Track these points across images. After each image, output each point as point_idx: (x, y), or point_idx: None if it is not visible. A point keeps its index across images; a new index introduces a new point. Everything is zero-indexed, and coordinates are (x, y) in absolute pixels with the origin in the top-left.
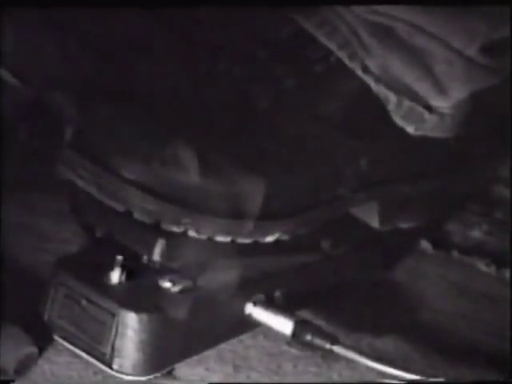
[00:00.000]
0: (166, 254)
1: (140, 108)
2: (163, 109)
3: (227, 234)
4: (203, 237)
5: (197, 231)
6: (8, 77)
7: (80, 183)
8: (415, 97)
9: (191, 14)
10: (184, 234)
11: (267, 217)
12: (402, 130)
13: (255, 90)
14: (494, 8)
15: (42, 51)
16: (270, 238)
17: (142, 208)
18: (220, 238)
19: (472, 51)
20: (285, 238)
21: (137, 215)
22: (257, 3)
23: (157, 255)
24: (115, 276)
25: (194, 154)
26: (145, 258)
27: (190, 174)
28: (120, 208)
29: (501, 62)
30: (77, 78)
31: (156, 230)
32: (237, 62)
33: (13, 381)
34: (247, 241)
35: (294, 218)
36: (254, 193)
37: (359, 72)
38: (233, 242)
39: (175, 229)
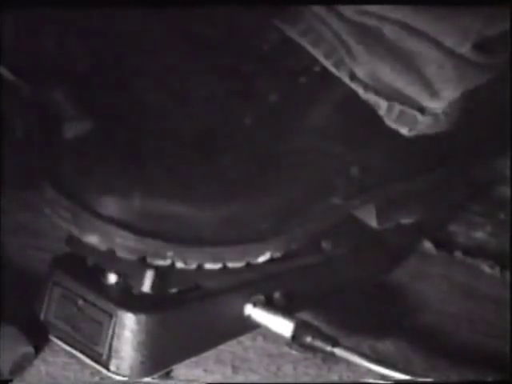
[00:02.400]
0: (156, 285)
1: (117, 144)
2: (138, 137)
3: (216, 261)
4: (192, 267)
5: (184, 262)
6: (6, 74)
7: (61, 223)
8: (407, 100)
9: (178, 22)
10: (171, 266)
11: (257, 239)
12: (394, 132)
13: (239, 106)
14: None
15: (40, 48)
16: (262, 259)
17: (125, 246)
18: (209, 266)
19: (465, 49)
20: (277, 255)
21: (120, 253)
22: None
23: (147, 287)
24: (112, 276)
25: (173, 184)
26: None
27: (171, 205)
28: (102, 246)
29: (493, 58)
30: (75, 75)
31: (143, 264)
32: (221, 76)
33: (11, 380)
34: (239, 265)
35: (284, 235)
36: (239, 217)
37: (347, 80)
38: (224, 267)
39: (161, 262)
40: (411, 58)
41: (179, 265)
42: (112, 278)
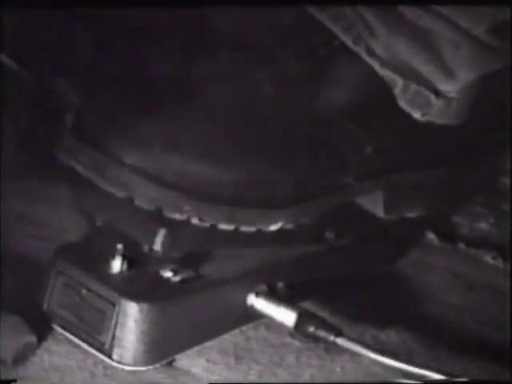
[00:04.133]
0: (167, 244)
1: (141, 94)
2: (165, 95)
3: (230, 221)
4: (206, 225)
5: (199, 219)
6: (9, 63)
7: (80, 169)
8: (422, 80)
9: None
10: (186, 221)
11: (271, 205)
12: (408, 117)
13: (258, 76)
14: None
15: (43, 37)
16: (273, 227)
17: (144, 194)
18: (223, 226)
19: (480, 31)
20: (288, 226)
21: (138, 202)
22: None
23: (158, 245)
24: (116, 265)
25: (196, 141)
26: (146, 247)
27: (192, 160)
28: (121, 194)
29: (507, 44)
30: (78, 64)
31: (158, 218)
32: (239, 48)
33: (14, 381)
34: (250, 229)
35: (298, 206)
36: (257, 180)
37: (364, 55)
38: (236, 230)
39: (177, 216)
40: (428, 37)
41: (194, 221)
42: (116, 267)
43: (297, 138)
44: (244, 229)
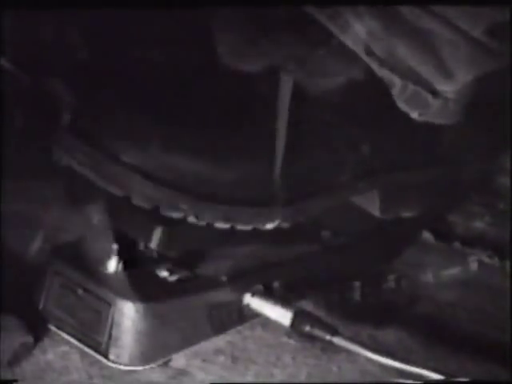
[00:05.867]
0: (163, 242)
1: (139, 94)
2: (161, 95)
3: (227, 220)
4: (202, 223)
5: (196, 217)
6: (6, 64)
7: (78, 168)
8: (420, 80)
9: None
10: (183, 220)
11: (267, 203)
12: (405, 117)
13: (255, 75)
14: None
15: (40, 38)
16: (269, 226)
17: (141, 193)
18: (219, 225)
19: (478, 32)
20: (285, 225)
21: (135, 200)
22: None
23: (154, 243)
24: (112, 265)
25: (193, 140)
26: (142, 245)
27: (189, 159)
28: (119, 193)
29: (504, 45)
30: (75, 63)
31: (154, 217)
32: (235, 47)
33: (15, 381)
34: (247, 228)
35: (295, 204)
36: (254, 179)
37: (362, 55)
38: (232, 228)
39: (174, 215)
40: (427, 38)
41: (191, 219)
42: (111, 267)
43: (294, 137)
44: (240, 227)
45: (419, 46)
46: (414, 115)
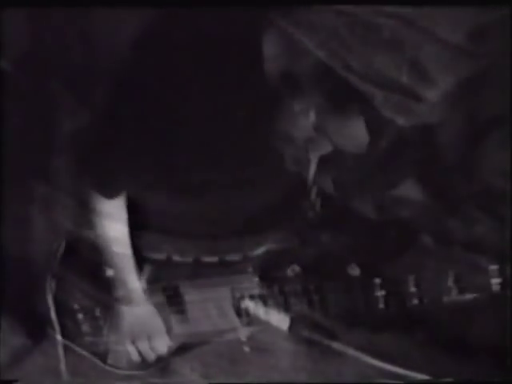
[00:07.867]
0: (153, 278)
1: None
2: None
3: (213, 254)
4: (188, 260)
5: (180, 255)
6: (6, 66)
7: (59, 219)
8: (403, 89)
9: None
10: (168, 259)
11: (253, 231)
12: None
13: (230, 100)
14: None
15: (41, 41)
16: (259, 251)
17: (119, 240)
18: (207, 259)
19: (459, 38)
20: (274, 247)
21: (115, 248)
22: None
23: (143, 281)
24: (110, 269)
25: (170, 177)
26: None
27: (168, 198)
28: (99, 241)
29: (486, 47)
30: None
31: (139, 258)
32: (211, 73)
33: (15, 381)
34: (236, 258)
35: (282, 228)
36: (236, 209)
37: (340, 70)
38: (221, 260)
39: (157, 256)
40: (407, 49)
41: (175, 258)
42: (110, 271)
43: (272, 157)
44: (229, 258)
45: (399, 57)
46: (400, 121)
